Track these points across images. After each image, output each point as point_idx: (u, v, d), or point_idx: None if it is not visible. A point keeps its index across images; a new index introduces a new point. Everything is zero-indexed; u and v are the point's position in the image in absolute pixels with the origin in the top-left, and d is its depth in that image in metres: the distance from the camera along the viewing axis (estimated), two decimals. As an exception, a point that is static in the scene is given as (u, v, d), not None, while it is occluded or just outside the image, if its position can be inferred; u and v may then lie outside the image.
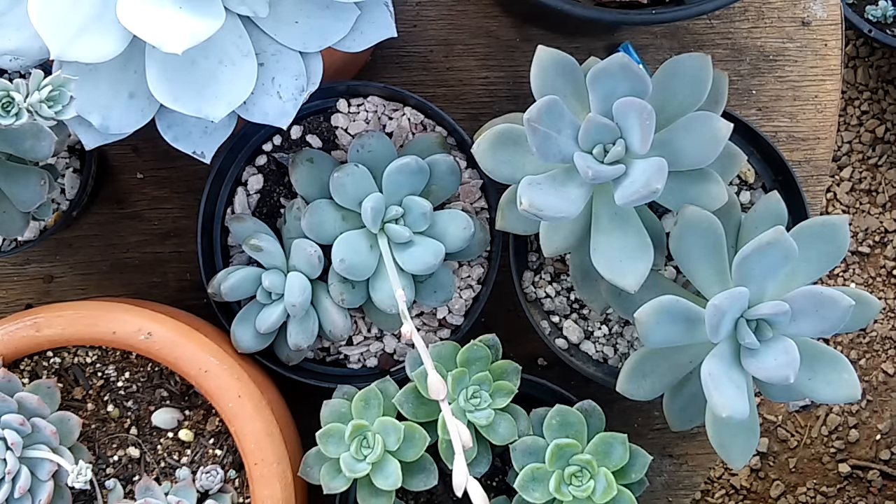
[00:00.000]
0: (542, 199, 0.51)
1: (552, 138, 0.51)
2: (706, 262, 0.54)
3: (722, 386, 0.50)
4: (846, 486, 1.49)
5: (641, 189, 0.48)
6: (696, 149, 0.52)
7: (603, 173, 0.50)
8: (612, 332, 0.69)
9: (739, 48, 0.81)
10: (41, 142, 0.57)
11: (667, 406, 0.59)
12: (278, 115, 0.56)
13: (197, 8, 0.50)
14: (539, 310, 0.68)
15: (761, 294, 0.52)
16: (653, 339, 0.52)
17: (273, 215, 0.71)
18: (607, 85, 0.50)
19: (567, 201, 0.51)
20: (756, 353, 0.51)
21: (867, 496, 1.49)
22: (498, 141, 0.54)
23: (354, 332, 0.71)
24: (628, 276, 0.52)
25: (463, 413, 0.62)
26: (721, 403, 0.49)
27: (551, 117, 0.50)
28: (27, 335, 0.62)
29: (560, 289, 0.69)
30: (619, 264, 0.53)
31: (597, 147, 0.51)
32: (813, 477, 1.51)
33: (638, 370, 0.56)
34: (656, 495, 0.80)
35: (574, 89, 0.53)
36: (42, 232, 0.72)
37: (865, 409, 1.52)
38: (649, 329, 0.51)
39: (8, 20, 0.52)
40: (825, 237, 0.54)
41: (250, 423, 0.61)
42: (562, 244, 0.57)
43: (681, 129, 0.52)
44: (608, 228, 0.54)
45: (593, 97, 0.51)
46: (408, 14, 0.80)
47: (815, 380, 0.53)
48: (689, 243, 0.54)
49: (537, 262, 0.70)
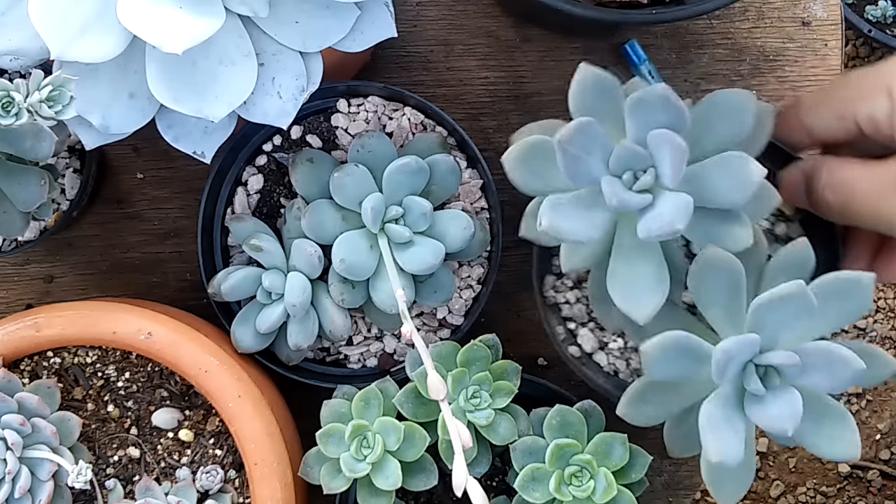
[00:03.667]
0: (563, 222, 0.50)
1: (582, 161, 0.50)
2: (722, 304, 0.54)
3: (718, 430, 0.49)
4: (846, 486, 1.49)
5: (665, 226, 0.48)
6: (727, 189, 0.50)
7: (629, 202, 0.49)
8: (627, 347, 0.68)
9: (739, 48, 0.81)
10: (41, 142, 0.57)
11: (667, 435, 0.59)
12: (278, 115, 0.56)
13: (197, 8, 0.50)
14: (556, 315, 0.68)
15: (774, 341, 0.51)
16: (657, 373, 0.51)
17: (273, 215, 0.71)
18: (645, 114, 0.49)
19: (589, 225, 0.51)
20: (760, 399, 0.50)
21: (867, 496, 1.50)
22: (528, 154, 0.53)
23: (354, 332, 0.71)
24: (641, 308, 0.52)
25: (463, 413, 0.62)
26: (715, 449, 0.49)
27: (584, 139, 0.49)
28: (27, 335, 0.62)
29: (581, 296, 0.68)
30: (633, 295, 0.52)
31: (627, 173, 0.51)
32: (813, 477, 1.51)
33: (640, 397, 0.56)
34: (656, 495, 0.80)
35: (612, 111, 0.52)
36: (42, 232, 0.72)
37: (865, 409, 1.52)
38: (654, 363, 0.51)
39: (8, 20, 0.52)
40: (848, 294, 0.52)
41: (250, 423, 0.61)
42: (580, 264, 0.56)
43: (713, 167, 0.51)
44: (628, 257, 0.53)
45: (630, 124, 0.50)
46: (408, 14, 0.80)
47: (818, 434, 0.52)
48: (706, 283, 0.53)
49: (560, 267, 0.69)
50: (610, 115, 0.52)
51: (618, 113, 0.51)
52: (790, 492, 1.48)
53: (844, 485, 1.49)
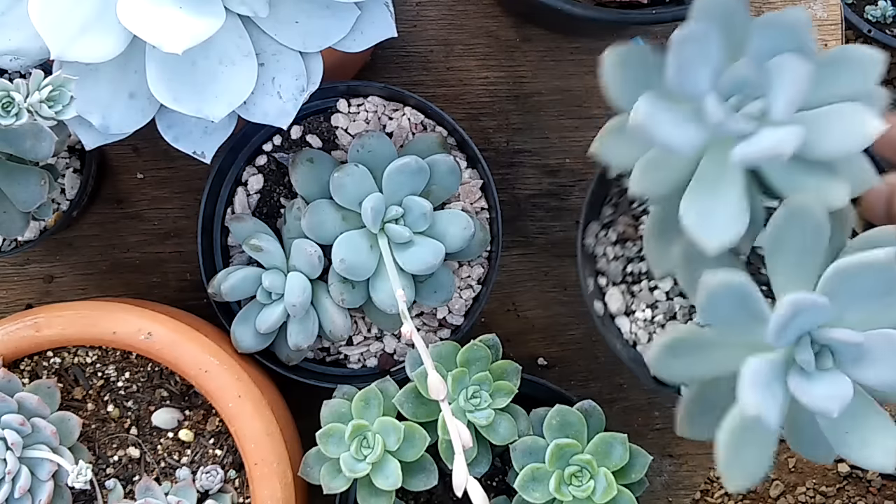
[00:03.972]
0: (659, 120, 0.46)
1: (691, 70, 0.46)
2: (796, 262, 0.49)
3: (760, 386, 0.45)
4: (845, 486, 1.49)
5: (767, 149, 0.44)
6: (837, 138, 0.46)
7: (731, 124, 0.46)
8: (654, 321, 0.65)
9: (739, 48, 0.81)
10: (41, 142, 0.57)
11: (684, 405, 0.53)
12: (278, 115, 0.56)
13: (197, 8, 0.50)
14: (590, 265, 0.65)
15: (839, 318, 0.47)
16: (707, 313, 0.47)
17: (273, 215, 0.71)
18: (773, 37, 0.46)
19: (683, 135, 0.46)
20: (808, 375, 0.47)
21: (866, 496, 1.50)
22: (627, 61, 0.49)
23: (354, 332, 0.71)
24: (714, 235, 0.47)
25: (463, 413, 0.62)
26: (754, 402, 0.44)
27: (699, 47, 0.45)
28: (27, 335, 0.62)
29: (620, 255, 0.66)
30: (709, 220, 0.48)
31: (735, 97, 0.47)
32: (812, 476, 1.51)
33: (672, 350, 0.51)
34: (656, 495, 0.80)
35: (731, 31, 0.47)
36: (42, 232, 0.72)
37: (865, 409, 1.52)
38: (709, 300, 0.46)
39: (8, 20, 0.52)
40: None
41: (250, 423, 0.61)
42: (654, 186, 0.52)
43: (825, 114, 0.47)
44: (711, 181, 0.49)
45: (753, 44, 0.47)
46: (408, 14, 0.80)
47: (853, 435, 0.48)
48: (785, 235, 0.49)
49: (609, 218, 0.66)
50: (729, 36, 0.47)
51: (740, 32, 0.47)
52: (790, 492, 1.48)
53: (844, 485, 1.49)
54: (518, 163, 0.80)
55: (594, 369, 0.80)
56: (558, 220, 0.80)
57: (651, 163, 0.50)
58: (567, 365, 0.80)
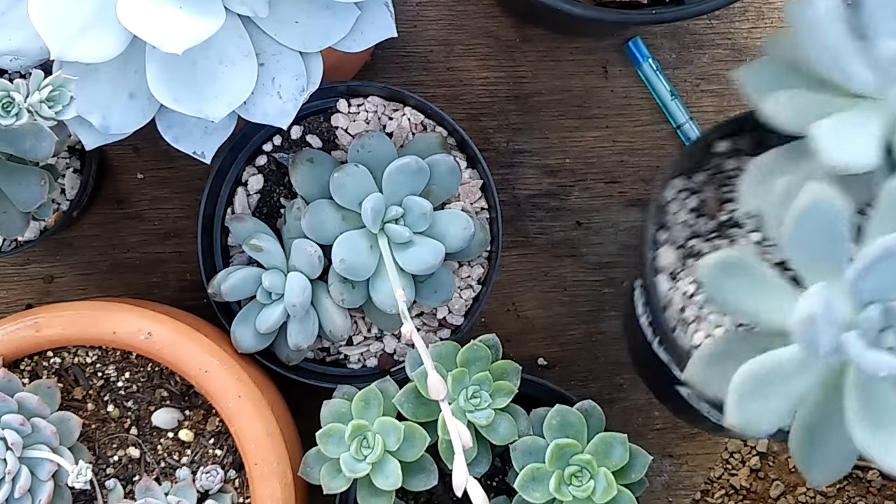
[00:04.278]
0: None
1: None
2: None
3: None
4: (846, 486, 1.50)
5: None
6: None
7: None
8: (693, 298, 0.60)
9: (739, 48, 0.81)
10: (41, 142, 0.57)
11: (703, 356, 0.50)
12: (278, 115, 0.56)
13: (197, 8, 0.50)
14: (658, 217, 0.61)
15: None
16: (793, 239, 0.44)
17: (273, 215, 0.71)
18: None
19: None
20: (865, 339, 0.43)
21: (867, 496, 1.50)
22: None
23: (354, 332, 0.71)
24: (849, 154, 0.45)
25: (463, 413, 0.62)
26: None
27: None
28: (27, 335, 0.62)
29: (693, 223, 0.61)
30: (843, 143, 0.45)
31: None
32: (813, 477, 1.50)
33: (725, 269, 0.48)
34: (656, 495, 0.80)
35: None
36: (42, 232, 0.72)
37: (865, 409, 1.52)
38: (799, 220, 0.43)
39: (8, 20, 0.52)
40: None
41: (250, 423, 0.61)
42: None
43: None
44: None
45: None
46: (408, 14, 0.80)
47: (877, 436, 0.45)
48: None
49: (698, 186, 0.62)
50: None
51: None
52: (790, 492, 1.48)
53: (844, 485, 1.49)
54: (518, 163, 0.80)
55: (594, 369, 0.80)
56: (558, 220, 0.80)
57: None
58: (567, 365, 0.80)
